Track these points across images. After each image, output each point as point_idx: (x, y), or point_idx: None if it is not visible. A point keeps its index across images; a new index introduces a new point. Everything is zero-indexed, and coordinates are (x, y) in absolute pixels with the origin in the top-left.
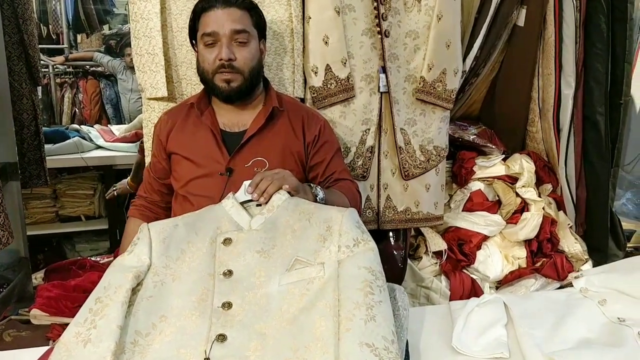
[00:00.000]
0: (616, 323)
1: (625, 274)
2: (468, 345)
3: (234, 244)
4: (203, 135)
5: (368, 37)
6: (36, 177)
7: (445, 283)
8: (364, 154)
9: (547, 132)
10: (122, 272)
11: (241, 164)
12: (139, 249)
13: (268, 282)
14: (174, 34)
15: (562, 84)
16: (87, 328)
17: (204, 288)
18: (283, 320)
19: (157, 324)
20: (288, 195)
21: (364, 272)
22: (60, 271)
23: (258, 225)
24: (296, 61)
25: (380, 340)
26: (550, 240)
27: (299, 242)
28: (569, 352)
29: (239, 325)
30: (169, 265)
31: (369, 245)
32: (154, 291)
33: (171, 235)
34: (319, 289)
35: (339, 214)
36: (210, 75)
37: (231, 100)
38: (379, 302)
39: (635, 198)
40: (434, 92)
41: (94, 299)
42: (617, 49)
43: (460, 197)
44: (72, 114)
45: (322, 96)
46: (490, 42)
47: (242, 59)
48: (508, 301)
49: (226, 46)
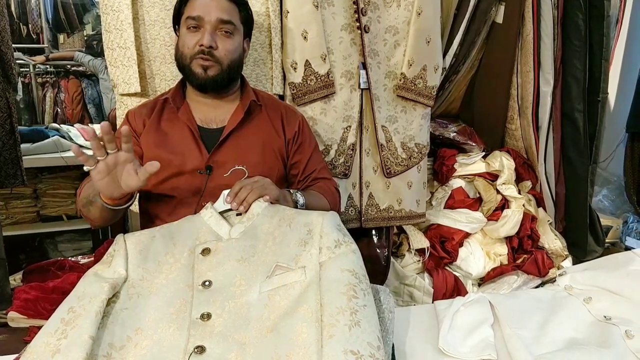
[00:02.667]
0: (602, 322)
1: (609, 271)
2: (455, 347)
3: (213, 254)
4: (179, 131)
5: (347, 32)
6: (12, 176)
7: (428, 280)
8: (345, 152)
9: (527, 129)
10: (98, 282)
11: (221, 162)
12: (115, 261)
13: (248, 290)
14: (146, 27)
15: (540, 81)
16: (58, 338)
17: (182, 300)
18: (263, 329)
19: (132, 337)
20: (268, 203)
21: (347, 275)
22: (39, 272)
23: (238, 234)
24: (274, 57)
25: (365, 347)
26: (531, 236)
27: (280, 248)
28: (558, 354)
29: (218, 336)
30: (145, 277)
31: (351, 247)
32: (129, 303)
33: (148, 247)
34: (300, 294)
35: (320, 218)
36: (187, 60)
37: (205, 89)
38: (364, 306)
39: (611, 194)
40: (414, 88)
41: (67, 308)
42: (595, 46)
43: (441, 194)
44: (54, 114)
45: (301, 92)
46: (469, 38)
47: (224, 49)
48: (494, 300)
49: (209, 33)
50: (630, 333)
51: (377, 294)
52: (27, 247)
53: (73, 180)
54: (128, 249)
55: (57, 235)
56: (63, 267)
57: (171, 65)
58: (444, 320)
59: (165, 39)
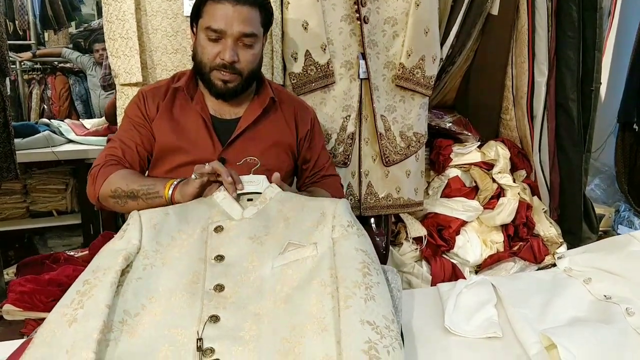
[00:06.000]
0: (603, 301)
1: (608, 253)
2: (460, 326)
3: (226, 231)
4: (193, 120)
5: (347, 23)
6: (6, 170)
7: (426, 268)
8: (344, 141)
9: (521, 119)
10: (111, 255)
11: (234, 155)
12: (129, 234)
13: (261, 266)
14: (148, 18)
15: (535, 71)
16: (74, 308)
17: (195, 272)
18: (277, 300)
19: (147, 305)
20: (280, 190)
21: (361, 254)
22: (33, 265)
23: (251, 214)
24: (275, 47)
25: (381, 319)
26: (526, 224)
27: (293, 230)
28: (562, 328)
29: (232, 306)
30: (158, 250)
31: (362, 231)
32: (143, 273)
33: (162, 222)
34: (313, 267)
35: (333, 203)
36: (207, 69)
37: (224, 98)
38: (377, 284)
39: (602, 184)
40: (413, 78)
41: (82, 281)
42: (588, 38)
43: (438, 183)
44: (40, 111)
45: (302, 82)
46: (465, 30)
47: (245, 61)
48: (496, 282)
49: (231, 48)
50: (630, 310)
51: (385, 274)
52: (16, 243)
53: (63, 175)
54: (142, 222)
55: (47, 231)
56: (58, 260)
57: (172, 56)
58: (448, 301)
59: (167, 30)
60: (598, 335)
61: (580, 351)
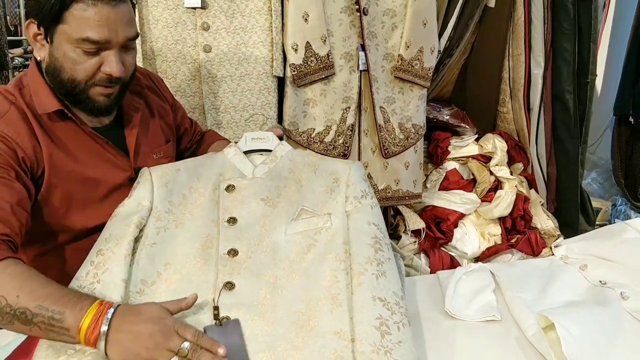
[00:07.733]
0: (598, 286)
1: (604, 240)
2: (460, 310)
3: (238, 191)
4: (81, 146)
5: (347, 14)
6: None
7: (425, 260)
8: (344, 133)
9: (518, 112)
10: (123, 222)
11: (143, 160)
12: (138, 193)
13: (273, 230)
14: (149, 9)
15: (531, 64)
16: (91, 282)
17: (207, 234)
18: (292, 272)
19: (162, 272)
20: (291, 147)
21: (374, 228)
22: None
23: (262, 173)
24: (275, 39)
25: (391, 295)
26: (524, 217)
27: (305, 193)
28: (559, 309)
29: (246, 272)
30: (171, 210)
31: (374, 200)
32: (157, 238)
33: (173, 180)
34: (327, 241)
35: (346, 166)
36: (81, 86)
37: (107, 112)
38: (388, 259)
39: (599, 178)
40: (411, 70)
41: (96, 251)
42: (583, 29)
43: (436, 176)
44: None
45: (302, 74)
46: (463, 22)
47: (130, 66)
48: (494, 269)
49: (118, 60)
50: (625, 295)
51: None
52: None
53: None
54: (154, 181)
55: None
56: None
57: (172, 47)
58: (447, 286)
59: (168, 21)
60: (594, 316)
61: (577, 329)
